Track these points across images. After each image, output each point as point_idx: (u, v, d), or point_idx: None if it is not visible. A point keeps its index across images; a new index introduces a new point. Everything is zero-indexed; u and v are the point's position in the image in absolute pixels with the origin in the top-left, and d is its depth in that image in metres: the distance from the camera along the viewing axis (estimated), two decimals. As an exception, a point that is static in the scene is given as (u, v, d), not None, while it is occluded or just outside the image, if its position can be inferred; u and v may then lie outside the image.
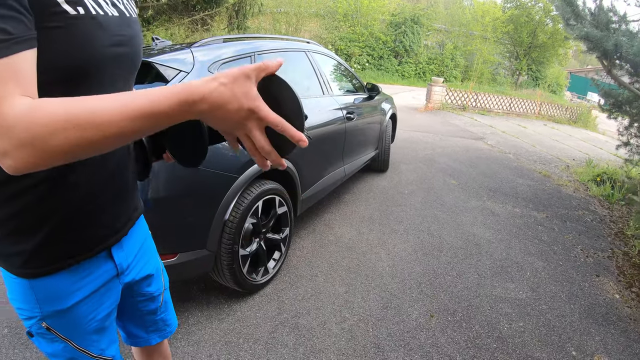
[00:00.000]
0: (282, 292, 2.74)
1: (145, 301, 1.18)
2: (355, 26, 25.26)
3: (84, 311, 0.94)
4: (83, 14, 0.72)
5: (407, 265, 3.18)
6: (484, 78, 28.44)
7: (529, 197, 5.22)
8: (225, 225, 2.31)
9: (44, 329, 0.91)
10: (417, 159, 6.57)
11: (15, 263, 0.84)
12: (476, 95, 15.15)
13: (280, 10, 23.86)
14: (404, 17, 25.90)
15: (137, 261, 1.10)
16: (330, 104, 3.51)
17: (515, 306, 2.81)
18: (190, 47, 2.41)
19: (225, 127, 0.67)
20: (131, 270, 1.07)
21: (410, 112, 12.34)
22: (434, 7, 28.72)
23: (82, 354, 0.98)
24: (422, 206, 4.46)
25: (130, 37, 0.86)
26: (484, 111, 15.05)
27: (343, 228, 3.75)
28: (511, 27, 27.50)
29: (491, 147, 8.38)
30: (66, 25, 0.69)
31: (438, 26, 28.57)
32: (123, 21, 0.83)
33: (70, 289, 0.90)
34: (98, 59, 0.76)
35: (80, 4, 0.71)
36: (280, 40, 3.34)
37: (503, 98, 15.86)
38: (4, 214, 0.81)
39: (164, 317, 1.27)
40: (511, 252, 3.59)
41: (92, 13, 0.74)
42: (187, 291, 2.71)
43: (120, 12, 0.83)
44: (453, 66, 27.71)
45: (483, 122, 12.29)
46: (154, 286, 1.18)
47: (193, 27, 9.51)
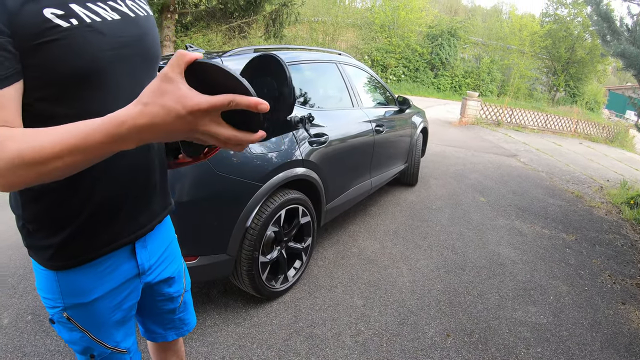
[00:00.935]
0: (300, 301, 2.75)
1: (165, 301, 1.21)
2: (392, 37, 25.25)
3: (103, 306, 0.99)
4: (77, 25, 0.76)
5: (427, 282, 3.14)
6: (520, 93, 27.95)
7: (559, 218, 5.07)
8: (247, 231, 2.34)
9: (64, 318, 0.97)
10: (447, 174, 6.49)
11: (45, 256, 0.91)
12: (511, 111, 14.87)
13: (317, 20, 24.05)
14: (441, 30, 25.75)
15: (160, 263, 1.13)
16: (360, 117, 3.51)
17: (535, 331, 2.73)
18: (221, 57, 2.46)
19: (181, 137, 0.63)
20: (153, 271, 1.11)
21: (443, 126, 12.21)
22: (471, 20, 28.55)
23: (97, 344, 1.03)
24: (448, 222, 4.40)
25: (137, 36, 0.89)
26: (519, 127, 14.74)
27: (367, 241, 3.74)
28: (549, 42, 26.97)
29: (524, 165, 8.19)
30: (61, 38, 0.73)
31: (475, 39, 28.30)
32: (127, 23, 0.86)
33: (92, 284, 0.95)
34: (98, 64, 0.80)
35: (73, 16, 0.76)
36: (311, 52, 3.37)
37: (539, 114, 15.50)
38: (34, 210, 0.88)
39: (182, 316, 1.30)
40: (536, 274, 3.49)
41: (87, 21, 0.77)
42: (206, 293, 2.76)
43: (122, 15, 0.86)
44: (489, 80, 27.31)
45: (517, 138, 12.03)
46: (174, 287, 1.22)
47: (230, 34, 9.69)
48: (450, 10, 41.42)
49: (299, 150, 2.62)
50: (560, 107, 24.40)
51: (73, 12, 0.76)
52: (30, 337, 2.29)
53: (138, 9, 0.91)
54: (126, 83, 0.87)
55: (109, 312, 1.01)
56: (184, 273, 1.28)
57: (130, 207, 0.97)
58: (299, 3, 10.61)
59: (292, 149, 2.56)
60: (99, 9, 0.81)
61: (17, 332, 2.33)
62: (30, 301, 2.62)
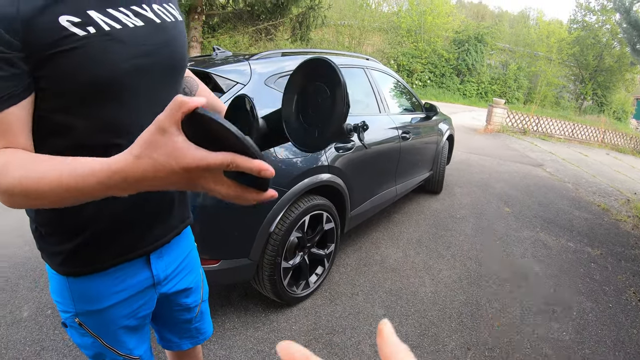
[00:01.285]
0: (321, 308, 2.72)
1: (182, 311, 1.19)
2: (418, 42, 25.14)
3: (116, 314, 0.98)
4: (94, 33, 0.72)
5: (450, 293, 3.08)
6: (547, 101, 27.52)
7: (585, 232, 4.93)
8: (270, 236, 2.32)
9: (76, 323, 0.96)
10: (472, 183, 6.39)
11: (56, 260, 0.90)
12: (538, 119, 14.61)
13: (343, 23, 24.09)
14: (467, 35, 25.55)
15: (177, 273, 1.11)
16: (386, 123, 3.48)
17: (557, 348, 2.65)
18: (248, 60, 2.45)
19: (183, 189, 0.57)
20: (169, 282, 1.08)
21: (469, 133, 12.07)
22: (498, 26, 28.20)
23: (109, 350, 1.01)
24: (472, 232, 4.32)
25: (162, 44, 0.85)
26: (545, 136, 14.47)
27: (390, 249, 3.69)
28: (577, 49, 26.47)
29: (550, 175, 8.02)
30: (77, 47, 0.70)
31: (502, 45, 27.99)
32: (151, 29, 0.82)
33: (104, 292, 0.94)
34: (116, 74, 0.76)
35: (90, 24, 0.72)
36: (339, 56, 3.35)
37: (565, 123, 15.20)
38: (47, 215, 0.86)
39: (199, 326, 1.28)
40: (559, 289, 3.39)
41: (105, 29, 0.73)
42: (227, 296, 2.75)
43: (147, 21, 0.82)
44: (516, 87, 26.96)
45: (543, 148, 11.81)
46: (192, 298, 1.19)
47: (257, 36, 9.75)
48: (477, 15, 41.04)
49: (325, 155, 2.59)
50: (587, 116, 23.94)
51: (91, 20, 0.72)
52: (49, 331, 2.32)
53: (165, 14, 0.88)
54: (146, 93, 0.84)
55: (122, 320, 0.99)
56: (202, 283, 1.26)
57: (145, 221, 0.95)
58: (326, 6, 10.62)
59: (317, 154, 2.54)
60: (120, 15, 0.77)
61: (37, 326, 2.37)
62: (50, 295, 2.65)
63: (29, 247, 3.19)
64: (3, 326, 2.37)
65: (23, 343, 2.24)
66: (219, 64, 2.38)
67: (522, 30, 29.63)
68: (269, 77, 2.44)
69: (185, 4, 9.06)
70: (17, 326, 2.37)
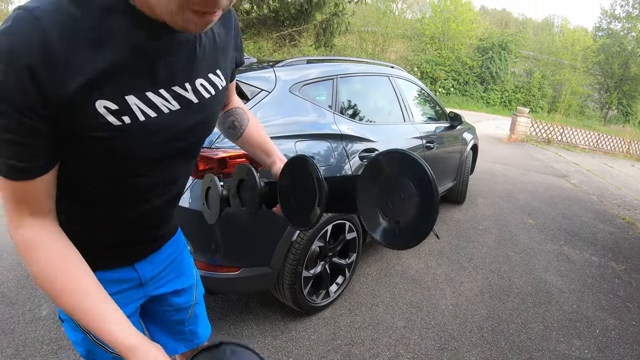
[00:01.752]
0: (340, 318, 2.69)
1: (173, 311, 1.19)
2: (442, 49, 25.02)
3: None
4: (129, 124, 0.70)
5: (471, 307, 3.02)
6: (572, 110, 27.06)
7: (609, 246, 4.80)
8: (292, 245, 2.30)
9: (67, 316, 0.98)
10: (495, 193, 6.30)
11: None
12: (562, 129, 14.36)
13: (367, 30, 24.10)
14: (491, 42, 25.33)
15: (165, 275, 1.12)
16: (410, 132, 3.44)
17: (580, 367, 2.57)
18: (273, 67, 2.45)
19: None
20: (156, 282, 1.10)
21: (492, 143, 11.94)
22: (522, 33, 27.87)
23: (99, 347, 1.01)
24: (495, 244, 4.25)
25: (193, 125, 0.83)
26: (569, 146, 14.22)
27: (411, 259, 3.64)
28: (602, 57, 26.02)
29: (574, 187, 7.85)
30: (110, 136, 0.68)
31: (526, 53, 27.67)
32: (187, 112, 0.80)
33: None
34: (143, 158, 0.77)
35: (126, 113, 0.69)
36: (363, 64, 3.33)
37: (590, 133, 14.92)
38: None
39: (193, 329, 1.27)
40: (582, 304, 3.30)
41: (140, 120, 0.71)
42: (246, 303, 2.75)
43: (184, 103, 0.79)
44: (540, 96, 26.59)
45: (568, 158, 11.58)
46: (183, 298, 1.20)
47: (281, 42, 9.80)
48: (501, 22, 40.71)
49: (349, 164, 2.57)
50: (612, 126, 23.49)
51: (128, 108, 0.69)
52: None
53: (207, 90, 0.84)
54: (164, 168, 0.86)
55: None
56: (195, 285, 1.25)
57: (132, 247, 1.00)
58: (350, 13, 10.62)
59: (342, 162, 2.52)
60: (158, 99, 0.74)
61: (55, 325, 2.40)
62: None
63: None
64: (22, 324, 2.41)
65: (40, 341, 2.27)
66: (244, 71, 2.38)
67: (546, 38, 29.28)
68: (293, 85, 2.44)
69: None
70: (36, 324, 2.41)
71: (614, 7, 27.09)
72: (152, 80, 0.72)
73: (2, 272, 2.99)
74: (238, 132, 1.14)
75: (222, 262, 2.12)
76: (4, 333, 2.34)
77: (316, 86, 2.62)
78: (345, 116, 2.74)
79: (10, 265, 3.08)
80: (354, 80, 3.00)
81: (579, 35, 27.27)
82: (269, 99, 2.28)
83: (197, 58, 0.79)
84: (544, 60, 27.50)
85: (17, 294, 2.72)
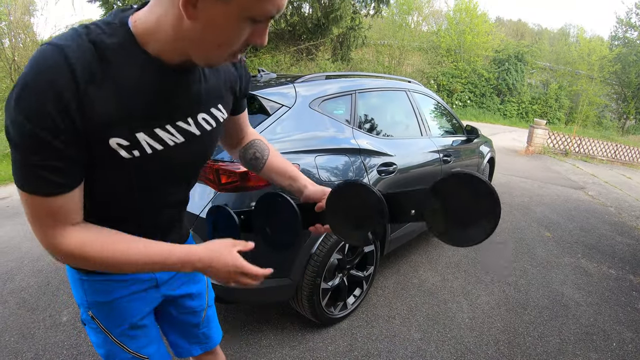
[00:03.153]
0: (357, 330, 2.72)
1: (187, 314, 1.25)
2: (458, 62, 24.93)
3: (122, 307, 1.05)
4: (138, 156, 0.79)
5: (487, 320, 3.02)
6: (589, 121, 26.64)
7: (627, 258, 4.72)
8: (311, 257, 2.34)
9: (90, 317, 1.04)
10: (512, 206, 6.26)
11: None
12: (580, 140, 14.17)
13: (383, 43, 24.13)
14: (507, 54, 25.15)
15: (179, 277, 1.18)
16: (428, 146, 3.47)
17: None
18: (293, 83, 2.50)
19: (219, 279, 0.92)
20: (171, 284, 1.16)
21: (509, 155, 11.85)
22: (538, 44, 27.66)
23: (119, 347, 1.08)
24: (512, 257, 4.23)
25: (194, 153, 0.94)
26: (587, 158, 14.01)
27: (428, 272, 3.65)
28: (619, 67, 25.60)
29: (592, 199, 7.75)
30: (120, 166, 0.79)
31: (542, 64, 27.40)
32: (189, 144, 0.90)
33: (111, 287, 1.02)
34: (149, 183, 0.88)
35: (137, 148, 0.79)
36: (381, 79, 3.38)
37: (608, 144, 14.67)
38: None
39: (206, 331, 1.33)
40: (599, 317, 3.26)
41: (148, 153, 0.81)
42: (265, 313, 2.79)
43: (187, 135, 0.88)
44: (557, 107, 26.24)
45: (585, 170, 11.42)
46: (196, 302, 1.26)
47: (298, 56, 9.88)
48: (516, 33, 40.42)
49: (367, 178, 2.61)
50: (631, 137, 23.05)
51: (138, 144, 0.78)
52: (87, 337, 2.40)
53: (208, 123, 0.93)
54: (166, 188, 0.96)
55: (128, 313, 1.07)
56: (207, 289, 1.31)
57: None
58: (366, 27, 10.68)
59: (360, 176, 2.57)
60: (164, 134, 0.83)
61: (75, 331, 2.47)
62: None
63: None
64: (42, 329, 2.49)
65: (60, 347, 2.34)
66: (265, 87, 2.44)
67: (562, 48, 28.92)
68: (313, 100, 2.49)
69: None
70: (56, 330, 2.48)
71: (629, 16, 26.69)
72: (161, 117, 0.82)
73: (23, 278, 3.09)
74: (260, 162, 1.22)
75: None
76: (24, 338, 2.42)
77: (335, 101, 2.67)
78: (363, 131, 2.79)
79: (32, 272, 3.17)
80: (372, 95, 3.05)
81: (595, 45, 26.90)
82: (290, 114, 2.33)
83: (202, 94, 0.89)
84: (561, 71, 27.21)
85: (38, 300, 2.81)
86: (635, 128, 26.96)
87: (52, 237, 0.76)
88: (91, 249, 0.78)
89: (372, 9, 9.59)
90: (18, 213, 4.63)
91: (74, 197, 0.76)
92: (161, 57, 0.76)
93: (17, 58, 8.36)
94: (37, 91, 0.64)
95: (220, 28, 0.68)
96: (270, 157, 1.22)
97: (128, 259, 0.81)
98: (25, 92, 0.64)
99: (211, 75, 0.91)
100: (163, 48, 0.75)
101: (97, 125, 0.71)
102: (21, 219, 4.43)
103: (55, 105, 0.65)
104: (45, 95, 0.64)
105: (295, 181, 1.22)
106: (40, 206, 0.73)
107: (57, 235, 0.76)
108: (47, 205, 0.73)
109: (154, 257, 0.83)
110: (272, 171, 1.22)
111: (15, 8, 9.00)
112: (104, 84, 0.70)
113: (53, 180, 0.71)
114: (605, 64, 25.73)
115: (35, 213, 0.74)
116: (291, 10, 10.05)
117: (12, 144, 0.68)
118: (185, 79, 0.83)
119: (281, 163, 1.24)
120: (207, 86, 0.90)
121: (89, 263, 0.80)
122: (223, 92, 0.97)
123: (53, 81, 0.64)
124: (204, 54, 0.75)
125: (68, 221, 0.77)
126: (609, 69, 25.79)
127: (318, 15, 9.09)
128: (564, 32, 36.07)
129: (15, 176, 0.71)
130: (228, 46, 0.73)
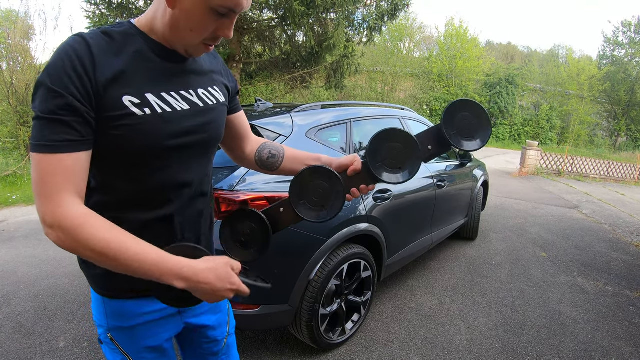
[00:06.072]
0: (356, 355, 2.73)
1: (209, 343, 1.27)
2: (450, 86, 25.31)
3: (143, 333, 1.08)
4: (150, 114, 0.89)
5: (485, 341, 3.03)
6: (581, 140, 26.97)
7: (623, 274, 4.76)
8: (310, 284, 2.38)
9: (109, 339, 1.07)
10: (507, 228, 6.32)
11: (95, 282, 1.04)
12: (572, 160, 14.34)
13: (376, 69, 24.47)
14: (498, 77, 25.59)
15: (201, 307, 1.21)
16: (422, 172, 3.53)
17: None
18: (290, 112, 2.57)
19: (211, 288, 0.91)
20: (195, 310, 1.19)
21: (503, 177, 11.96)
22: (528, 67, 28.12)
23: None
24: (508, 279, 4.26)
25: (202, 125, 1.01)
26: (580, 177, 14.16)
27: (425, 296, 3.68)
28: (608, 85, 26.12)
29: (586, 217, 7.82)
30: (133, 124, 0.87)
31: (533, 86, 27.89)
32: (194, 113, 0.99)
33: (134, 313, 1.05)
34: (160, 148, 0.92)
35: (147, 106, 0.89)
36: (375, 107, 3.46)
37: (600, 162, 14.84)
38: None
39: (224, 359, 1.35)
40: (598, 334, 3.29)
41: (158, 112, 0.90)
42: (263, 340, 2.80)
43: (192, 105, 0.98)
44: (549, 128, 26.61)
45: (579, 189, 11.53)
46: (218, 331, 1.28)
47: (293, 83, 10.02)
48: (506, 56, 41.14)
49: (363, 204, 2.67)
50: (622, 153, 23.30)
51: (148, 102, 0.89)
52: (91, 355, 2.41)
53: (209, 98, 1.04)
54: (182, 163, 1.00)
55: (148, 339, 1.09)
56: (228, 317, 1.34)
57: None
58: (359, 54, 10.86)
59: (356, 203, 2.62)
60: (171, 99, 0.94)
61: (72, 357, 2.47)
62: (88, 328, 2.76)
63: (68, 280, 3.34)
64: (39, 354, 2.49)
65: (56, 372, 2.33)
66: (262, 117, 2.50)
67: (552, 70, 29.46)
68: (309, 130, 2.56)
69: (224, 53, 9.50)
70: (53, 355, 2.48)
71: (616, 34, 27.32)
72: (164, 85, 0.94)
73: (19, 303, 3.09)
74: (279, 159, 1.27)
75: (242, 300, 2.20)
76: (20, 363, 2.42)
77: (331, 130, 2.74)
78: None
79: (28, 297, 3.18)
80: (366, 123, 3.13)
81: (584, 65, 27.42)
82: (287, 144, 2.39)
83: (197, 74, 1.03)
84: (551, 92, 27.69)
85: (35, 325, 2.81)
86: (627, 145, 27.29)
87: (58, 205, 0.79)
88: (93, 225, 0.80)
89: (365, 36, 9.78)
90: (14, 237, 4.65)
91: (83, 160, 0.83)
92: (162, 44, 0.94)
93: (15, 82, 8.53)
94: (61, 57, 0.79)
95: (191, 14, 0.85)
96: (287, 150, 1.27)
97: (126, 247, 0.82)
98: (52, 59, 0.80)
99: (204, 63, 1.07)
100: (163, 37, 0.92)
101: (110, 83, 0.83)
102: (17, 243, 4.45)
103: (73, 68, 0.79)
104: (66, 61, 0.79)
105: (320, 160, 1.24)
106: (51, 165, 0.79)
107: (63, 202, 0.79)
108: (57, 164, 0.79)
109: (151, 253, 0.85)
110: (295, 160, 1.26)
111: (14, 32, 9.21)
112: (114, 56, 0.86)
113: (65, 138, 0.79)
114: (595, 83, 26.22)
115: (45, 174, 0.79)
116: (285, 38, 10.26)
117: (34, 105, 0.80)
118: (182, 58, 0.98)
119: (300, 151, 1.28)
120: (202, 69, 1.05)
121: (87, 243, 0.80)
122: (217, 79, 1.11)
123: (74, 51, 0.80)
124: (180, 38, 0.91)
125: (74, 186, 0.81)
126: (598, 88, 26.27)
127: (312, 44, 9.28)
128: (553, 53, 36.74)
129: (32, 139, 0.80)
130: (198, 32, 0.88)
